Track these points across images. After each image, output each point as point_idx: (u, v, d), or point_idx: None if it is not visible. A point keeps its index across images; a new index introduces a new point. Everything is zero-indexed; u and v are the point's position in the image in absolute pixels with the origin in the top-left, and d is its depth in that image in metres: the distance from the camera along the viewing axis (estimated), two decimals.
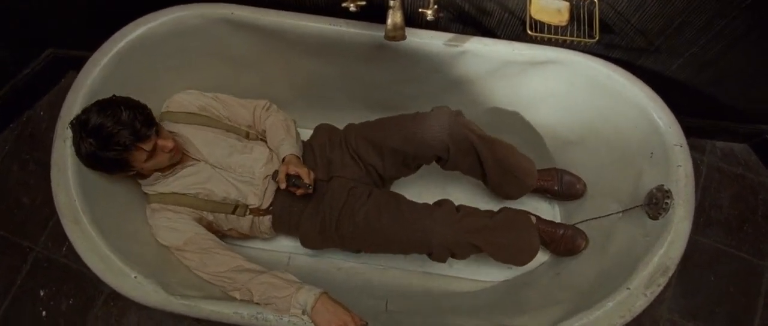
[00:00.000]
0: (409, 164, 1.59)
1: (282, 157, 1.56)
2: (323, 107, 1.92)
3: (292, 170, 1.47)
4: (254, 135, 1.67)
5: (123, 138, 1.29)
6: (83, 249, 1.34)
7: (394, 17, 1.32)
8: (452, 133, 1.48)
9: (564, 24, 1.37)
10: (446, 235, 1.46)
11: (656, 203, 1.45)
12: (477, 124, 1.54)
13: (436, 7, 1.29)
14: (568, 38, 1.39)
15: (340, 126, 1.74)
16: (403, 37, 1.34)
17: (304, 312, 1.30)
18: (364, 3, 1.33)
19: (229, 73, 1.75)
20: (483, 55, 1.57)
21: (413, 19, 1.58)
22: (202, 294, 1.37)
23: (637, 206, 1.52)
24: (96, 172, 1.41)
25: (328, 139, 1.68)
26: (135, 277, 1.32)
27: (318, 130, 1.75)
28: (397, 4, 1.33)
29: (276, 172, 1.51)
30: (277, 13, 1.56)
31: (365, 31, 1.55)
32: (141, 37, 1.53)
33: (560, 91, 1.65)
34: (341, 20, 1.55)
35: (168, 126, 1.54)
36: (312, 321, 1.29)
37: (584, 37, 1.39)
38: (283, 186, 1.46)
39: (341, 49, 1.61)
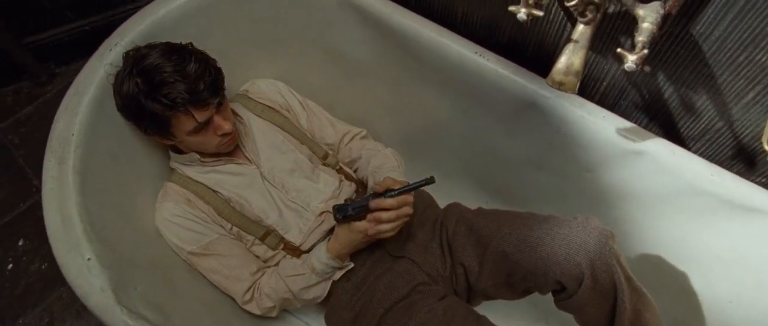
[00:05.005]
0: (515, 284, 1.08)
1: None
2: (423, 166, 1.49)
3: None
4: (333, 161, 1.31)
5: (175, 92, 0.99)
6: (49, 197, 0.99)
7: (573, 57, 0.92)
8: (595, 261, 0.95)
9: None
10: None
11: None
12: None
13: (644, 51, 0.82)
14: None
15: (439, 200, 1.32)
16: (574, 89, 0.92)
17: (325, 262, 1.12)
18: (540, 14, 0.91)
19: (324, 71, 1.43)
20: (666, 167, 1.08)
21: (587, 85, 1.15)
22: (163, 321, 0.95)
23: None
24: (128, 123, 1.11)
25: (423, 211, 1.25)
26: (88, 259, 0.93)
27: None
28: (584, 41, 0.91)
29: (338, 207, 1.09)
30: (416, 18, 1.20)
31: (516, 76, 1.14)
32: None
33: (757, 258, 1.10)
34: (490, 53, 1.15)
35: (238, 109, 1.24)
36: (337, 255, 1.12)
37: None
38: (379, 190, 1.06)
39: (477, 90, 1.21)
